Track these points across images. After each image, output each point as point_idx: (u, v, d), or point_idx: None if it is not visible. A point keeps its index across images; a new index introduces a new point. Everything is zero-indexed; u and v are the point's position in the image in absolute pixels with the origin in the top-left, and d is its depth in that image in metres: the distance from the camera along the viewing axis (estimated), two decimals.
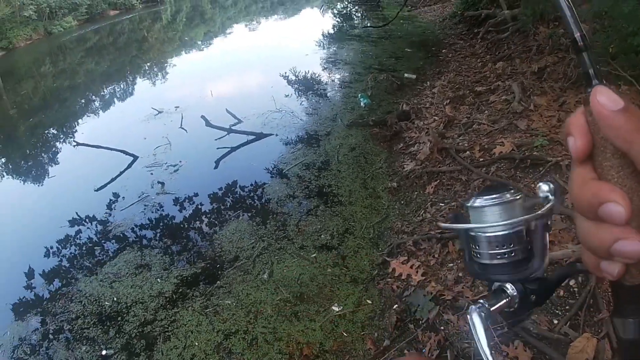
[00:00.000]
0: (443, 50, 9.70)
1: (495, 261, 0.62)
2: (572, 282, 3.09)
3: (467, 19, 10.77)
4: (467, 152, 5.11)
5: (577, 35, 0.48)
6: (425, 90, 7.66)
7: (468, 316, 0.60)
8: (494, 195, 0.61)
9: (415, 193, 5.03)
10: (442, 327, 3.33)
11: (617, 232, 0.42)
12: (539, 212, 0.60)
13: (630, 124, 0.41)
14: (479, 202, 0.62)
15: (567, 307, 2.98)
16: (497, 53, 8.03)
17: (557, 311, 2.99)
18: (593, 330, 2.79)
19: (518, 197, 0.61)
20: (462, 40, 10.08)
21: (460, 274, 3.66)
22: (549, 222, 0.61)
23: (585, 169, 0.45)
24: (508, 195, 0.61)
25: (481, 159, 4.88)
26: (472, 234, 0.64)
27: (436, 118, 6.28)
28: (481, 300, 0.62)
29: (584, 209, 0.44)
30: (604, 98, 0.43)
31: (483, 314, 0.60)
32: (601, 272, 0.46)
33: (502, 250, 0.61)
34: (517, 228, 0.61)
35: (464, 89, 6.91)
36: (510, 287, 0.62)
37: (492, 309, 0.61)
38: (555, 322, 2.93)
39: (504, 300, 0.62)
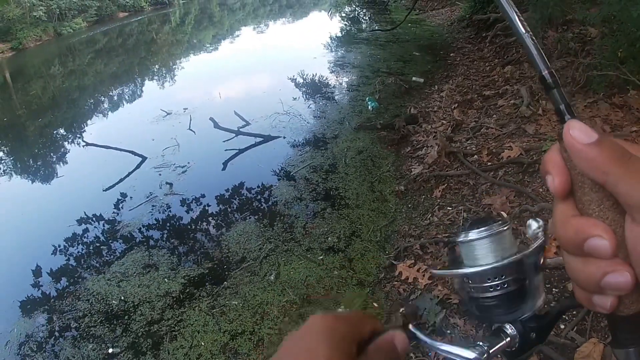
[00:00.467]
0: (451, 54, 9.70)
1: (489, 294, 0.60)
2: None
3: (475, 23, 10.76)
4: (475, 156, 5.10)
5: (544, 72, 0.48)
6: (433, 93, 7.66)
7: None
8: (483, 228, 0.60)
9: (423, 197, 5.02)
10: (448, 331, 3.33)
11: (605, 266, 0.42)
12: (527, 250, 0.58)
13: (604, 155, 0.41)
14: (467, 236, 0.61)
15: (574, 312, 2.96)
16: (505, 57, 8.02)
17: (564, 316, 2.98)
18: (600, 336, 2.78)
19: (506, 227, 0.60)
20: (470, 44, 10.07)
21: None
22: (539, 262, 0.60)
23: (567, 205, 0.45)
24: (496, 227, 0.59)
25: (489, 163, 4.87)
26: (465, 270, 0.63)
27: (444, 122, 6.28)
28: (480, 342, 0.59)
29: (569, 247, 0.44)
30: (576, 131, 0.42)
31: (483, 357, 0.57)
32: (594, 306, 0.45)
33: (495, 283, 0.59)
34: (509, 258, 0.59)
35: (472, 92, 6.90)
36: (509, 327, 0.60)
37: (490, 351, 0.58)
38: (562, 327, 2.91)
39: (504, 341, 0.60)
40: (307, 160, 6.40)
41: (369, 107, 7.50)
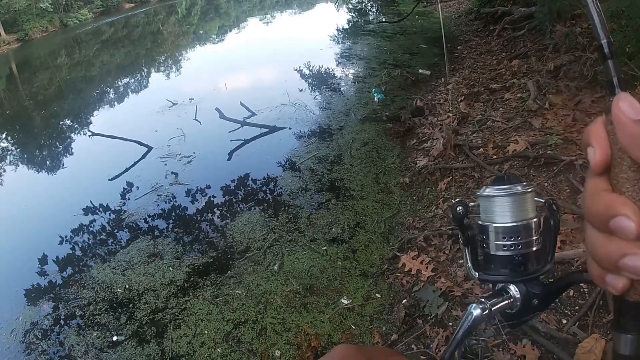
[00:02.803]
0: (458, 47, 9.64)
1: (500, 252, 0.62)
2: (582, 283, 3.07)
3: (483, 16, 10.69)
4: (481, 149, 5.07)
5: (603, 41, 0.47)
6: (439, 86, 7.64)
7: (467, 313, 0.60)
8: (506, 186, 0.61)
9: (427, 189, 5.02)
10: (450, 323, 3.33)
11: (626, 247, 0.41)
12: (543, 216, 0.61)
13: None
14: (489, 191, 0.62)
15: (576, 307, 2.96)
16: (512, 50, 7.97)
17: (567, 311, 2.97)
18: (602, 332, 2.77)
19: (529, 190, 0.61)
20: (477, 37, 10.01)
21: None
22: (555, 230, 0.62)
23: (600, 179, 0.44)
24: (519, 188, 0.61)
25: (494, 157, 4.85)
26: (481, 223, 0.64)
27: (450, 114, 6.25)
28: (483, 299, 0.61)
29: (595, 220, 0.43)
30: (626, 106, 0.41)
31: (484, 312, 0.60)
32: (606, 284, 0.44)
33: (509, 242, 0.61)
34: (525, 221, 0.61)
35: (479, 85, 6.86)
36: (513, 289, 0.62)
37: (493, 308, 0.61)
38: (564, 321, 2.91)
39: (506, 301, 0.62)
40: (312, 151, 6.41)
41: (375, 99, 7.48)
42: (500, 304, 0.61)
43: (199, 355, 3.69)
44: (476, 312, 0.59)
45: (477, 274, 0.67)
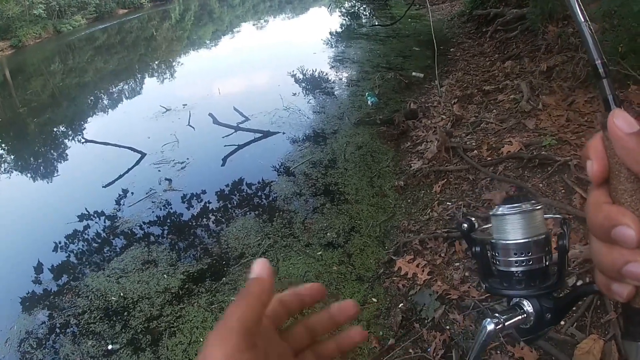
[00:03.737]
0: (451, 49, 9.66)
1: (513, 268, 0.64)
2: (579, 283, 3.04)
3: (475, 18, 10.72)
4: (475, 151, 5.07)
5: (597, 62, 0.50)
6: (433, 89, 7.64)
7: (482, 327, 0.62)
8: (516, 205, 0.63)
9: (422, 192, 5.01)
10: (447, 327, 3.31)
11: (628, 255, 0.43)
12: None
13: None
14: (501, 210, 0.65)
15: (574, 308, 2.96)
16: (505, 52, 7.99)
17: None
18: (600, 332, 2.76)
19: (538, 207, 0.64)
20: (470, 39, 10.03)
21: (466, 274, 3.64)
22: (566, 246, 0.64)
23: (601, 192, 0.46)
24: (529, 205, 0.63)
25: (489, 158, 4.84)
26: (493, 241, 0.67)
27: (444, 117, 6.25)
28: (497, 314, 0.63)
29: (597, 231, 0.45)
30: (620, 120, 0.43)
31: (498, 327, 0.61)
32: (612, 293, 0.46)
33: (521, 258, 0.63)
34: (536, 237, 0.63)
35: (472, 87, 6.87)
36: (526, 304, 0.64)
37: (507, 323, 0.62)
38: (562, 323, 2.89)
39: (520, 316, 0.63)
40: (306, 155, 6.38)
41: (369, 102, 7.48)
42: (514, 319, 0.63)
43: None
44: (490, 327, 0.61)
45: (485, 285, 0.69)
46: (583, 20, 0.52)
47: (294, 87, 9.32)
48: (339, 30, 14.09)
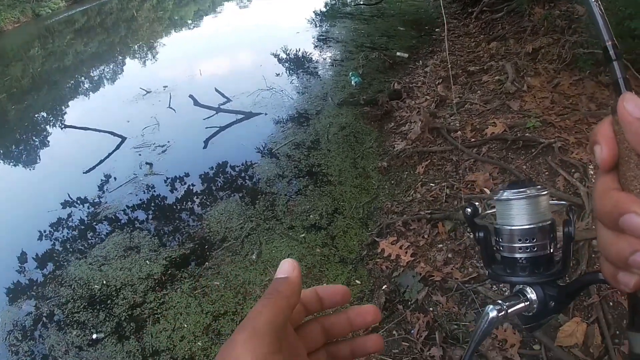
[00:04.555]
0: (436, 29, 9.58)
1: (517, 255, 0.63)
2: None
3: None
4: (459, 132, 5.06)
5: (608, 43, 0.48)
6: (417, 69, 7.58)
7: (484, 314, 0.60)
8: (522, 189, 0.62)
9: (406, 173, 4.99)
10: (431, 309, 3.33)
11: (636, 244, 0.41)
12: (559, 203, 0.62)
13: None
14: (505, 195, 0.64)
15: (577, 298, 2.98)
16: (491, 33, 7.93)
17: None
18: (583, 315, 2.79)
19: (544, 193, 0.62)
20: (455, 19, 9.94)
21: (449, 255, 3.65)
22: (571, 232, 0.63)
23: (609, 178, 0.45)
24: (534, 191, 0.62)
25: (473, 140, 4.83)
26: (497, 226, 0.66)
27: (428, 97, 6.22)
28: (500, 301, 0.62)
29: (605, 219, 0.44)
30: (631, 105, 0.42)
31: (500, 314, 0.60)
32: (618, 283, 0.45)
33: (525, 245, 0.62)
34: (541, 224, 0.62)
35: (457, 68, 6.82)
36: (530, 291, 0.63)
37: (510, 310, 0.61)
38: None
39: (523, 304, 0.62)
40: (289, 136, 6.31)
41: (352, 83, 7.40)
42: (517, 306, 0.62)
43: (179, 349, 3.65)
44: (492, 313, 0.60)
45: (488, 271, 0.68)
46: (594, 0, 0.49)
47: (277, 67, 9.20)
48: (323, 9, 13.88)
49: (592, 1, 0.49)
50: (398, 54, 8.28)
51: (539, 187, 0.63)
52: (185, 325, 3.82)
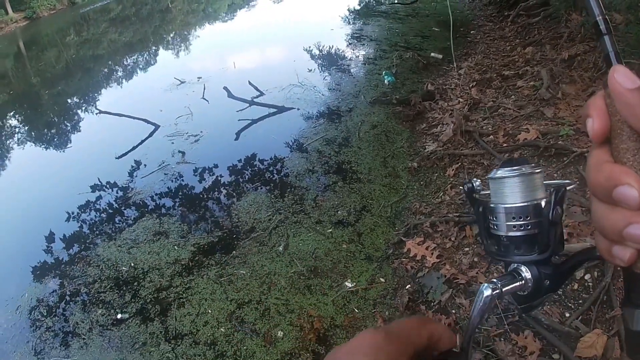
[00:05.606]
0: (471, 32, 9.48)
1: (511, 233, 0.62)
2: (587, 277, 3.06)
3: (498, 1, 10.50)
4: (491, 137, 5.01)
5: (598, 18, 0.48)
6: (451, 71, 7.53)
7: (479, 292, 0.60)
8: (515, 167, 0.62)
9: (436, 174, 4.97)
10: (453, 311, 3.32)
11: (630, 217, 0.41)
12: (557, 184, 0.61)
13: None
14: (500, 173, 0.63)
15: (580, 302, 2.95)
16: (526, 38, 7.81)
17: (570, 304, 2.96)
18: (604, 327, 2.76)
19: (537, 170, 0.62)
20: (491, 22, 9.83)
21: (475, 259, 3.63)
22: (562, 210, 0.61)
23: (602, 151, 0.45)
24: (528, 168, 0.61)
25: (505, 145, 4.79)
26: (492, 205, 0.65)
27: (461, 100, 6.17)
28: (494, 279, 0.61)
29: (598, 192, 0.44)
30: (621, 76, 0.42)
31: (495, 292, 0.59)
32: (613, 257, 0.45)
33: (519, 222, 0.61)
34: (534, 201, 0.61)
35: (491, 72, 6.75)
36: (524, 270, 0.62)
37: (504, 288, 0.60)
38: (567, 315, 2.91)
39: (518, 283, 0.62)
40: (320, 132, 6.34)
41: (385, 82, 7.38)
42: (512, 285, 0.61)
43: (202, 334, 3.71)
44: (487, 292, 0.59)
45: (484, 247, 0.68)
46: None
47: (310, 63, 9.22)
48: (357, 7, 13.83)
49: None
50: (432, 54, 8.23)
51: (533, 165, 0.62)
52: (210, 311, 3.88)
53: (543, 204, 0.61)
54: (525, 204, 0.61)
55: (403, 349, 0.51)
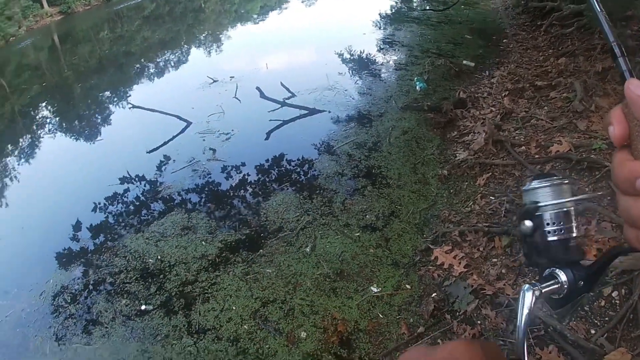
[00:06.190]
0: (504, 40, 9.37)
1: (548, 238, 0.67)
2: (614, 294, 3.00)
3: (531, 10, 10.35)
4: (523, 147, 4.96)
5: (613, 43, 0.59)
6: (483, 79, 7.45)
7: (520, 293, 0.64)
8: (547, 178, 0.68)
9: (466, 183, 4.93)
10: (479, 322, 3.30)
11: None
12: (585, 195, 0.66)
13: None
14: (533, 184, 0.69)
15: (606, 319, 2.91)
16: (560, 48, 7.69)
17: (596, 321, 2.92)
18: (629, 346, 2.71)
19: (566, 181, 0.68)
20: (524, 31, 9.70)
21: (503, 271, 3.59)
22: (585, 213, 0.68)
23: (624, 152, 0.51)
24: (557, 180, 0.67)
25: (536, 156, 4.73)
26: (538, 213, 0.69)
27: (493, 109, 6.11)
28: (533, 282, 0.65)
29: (623, 186, 0.50)
30: (635, 86, 0.50)
31: (536, 293, 0.63)
32: None
33: (553, 228, 0.66)
34: (565, 208, 0.67)
35: (524, 81, 6.67)
36: (560, 273, 0.66)
37: (544, 290, 0.65)
38: (593, 332, 2.87)
39: (555, 285, 0.66)
40: (350, 136, 6.33)
41: (417, 88, 7.35)
42: (550, 287, 0.65)
43: (225, 330, 3.75)
44: (529, 292, 0.64)
45: (523, 255, 0.73)
46: (600, 9, 0.61)
47: (341, 66, 9.22)
48: (389, 12, 13.80)
49: (598, 10, 0.61)
50: (464, 62, 8.17)
51: (562, 177, 0.68)
52: (234, 308, 3.92)
53: (573, 210, 0.67)
54: (558, 210, 0.67)
55: None
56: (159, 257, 4.69)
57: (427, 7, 13.46)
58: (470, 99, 6.58)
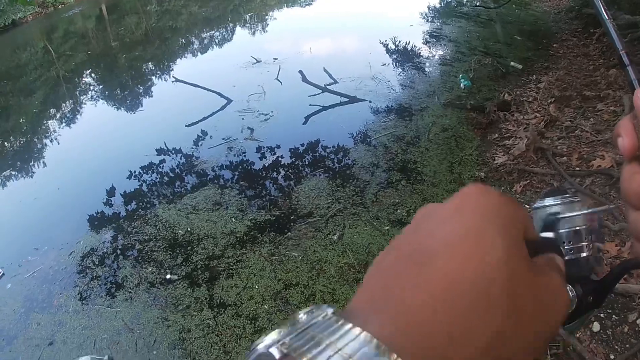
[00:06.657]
0: (554, 45, 9.10)
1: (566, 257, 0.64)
2: (639, 321, 2.96)
3: (584, 17, 10.01)
4: (565, 158, 4.83)
5: (622, 52, 0.59)
6: (530, 83, 7.26)
7: None
8: (558, 196, 0.64)
9: (502, 188, 4.83)
10: None
11: None
12: (596, 209, 0.61)
13: None
14: (544, 202, 0.65)
15: (627, 345, 2.87)
16: (611, 59, 7.42)
17: (617, 347, 2.88)
18: None
19: (577, 199, 0.63)
20: (575, 37, 9.41)
21: None
22: (601, 229, 0.64)
23: (633, 165, 0.49)
24: (567, 198, 0.63)
25: (577, 168, 4.61)
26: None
27: (537, 115, 5.95)
28: None
29: (633, 199, 0.48)
30: None
31: None
32: None
33: (569, 247, 0.62)
34: (577, 227, 0.62)
35: (571, 90, 6.47)
36: (569, 290, 0.61)
37: None
38: (612, 357, 2.84)
39: None
40: (389, 128, 6.25)
41: (461, 85, 7.20)
42: None
43: (245, 307, 3.81)
44: None
45: None
46: (607, 18, 0.61)
47: (385, 57, 9.10)
48: (438, 6, 13.54)
49: (607, 19, 0.60)
50: (512, 63, 7.97)
51: (573, 192, 0.67)
52: (256, 287, 3.97)
53: (584, 230, 0.63)
54: (565, 230, 0.63)
55: (522, 216, 0.38)
56: (189, 229, 4.77)
57: (478, 3, 13.15)
58: (515, 102, 6.43)
